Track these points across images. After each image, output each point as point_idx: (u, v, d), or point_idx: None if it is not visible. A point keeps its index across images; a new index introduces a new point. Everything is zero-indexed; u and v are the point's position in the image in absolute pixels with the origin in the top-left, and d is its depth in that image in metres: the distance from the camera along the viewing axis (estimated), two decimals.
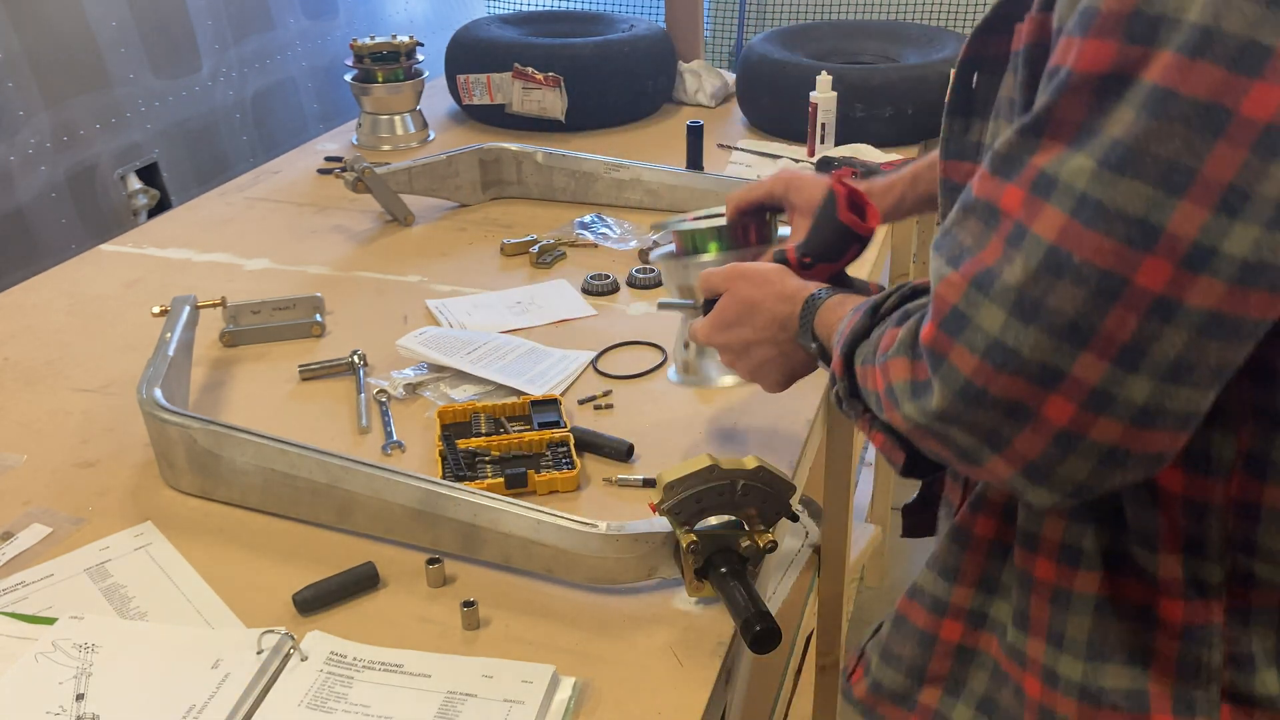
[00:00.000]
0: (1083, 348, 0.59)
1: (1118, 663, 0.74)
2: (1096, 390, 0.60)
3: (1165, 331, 0.58)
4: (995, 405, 0.62)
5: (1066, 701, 0.76)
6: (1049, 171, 0.60)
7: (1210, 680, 0.73)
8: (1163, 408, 0.60)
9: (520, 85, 2.17)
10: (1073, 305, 0.59)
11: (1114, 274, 0.58)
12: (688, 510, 0.91)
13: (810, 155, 2.00)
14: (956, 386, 0.63)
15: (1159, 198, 0.57)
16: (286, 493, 1.05)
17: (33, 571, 1.01)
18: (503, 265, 1.64)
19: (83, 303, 1.54)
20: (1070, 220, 0.59)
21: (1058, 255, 0.59)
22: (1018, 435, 0.62)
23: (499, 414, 1.21)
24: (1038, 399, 0.61)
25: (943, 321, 0.64)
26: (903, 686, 0.86)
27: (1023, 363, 0.60)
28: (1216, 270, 0.57)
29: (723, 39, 3.77)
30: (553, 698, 0.85)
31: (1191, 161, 0.56)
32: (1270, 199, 0.56)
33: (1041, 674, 0.77)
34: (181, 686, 0.86)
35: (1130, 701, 0.74)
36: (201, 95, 2.59)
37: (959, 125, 0.81)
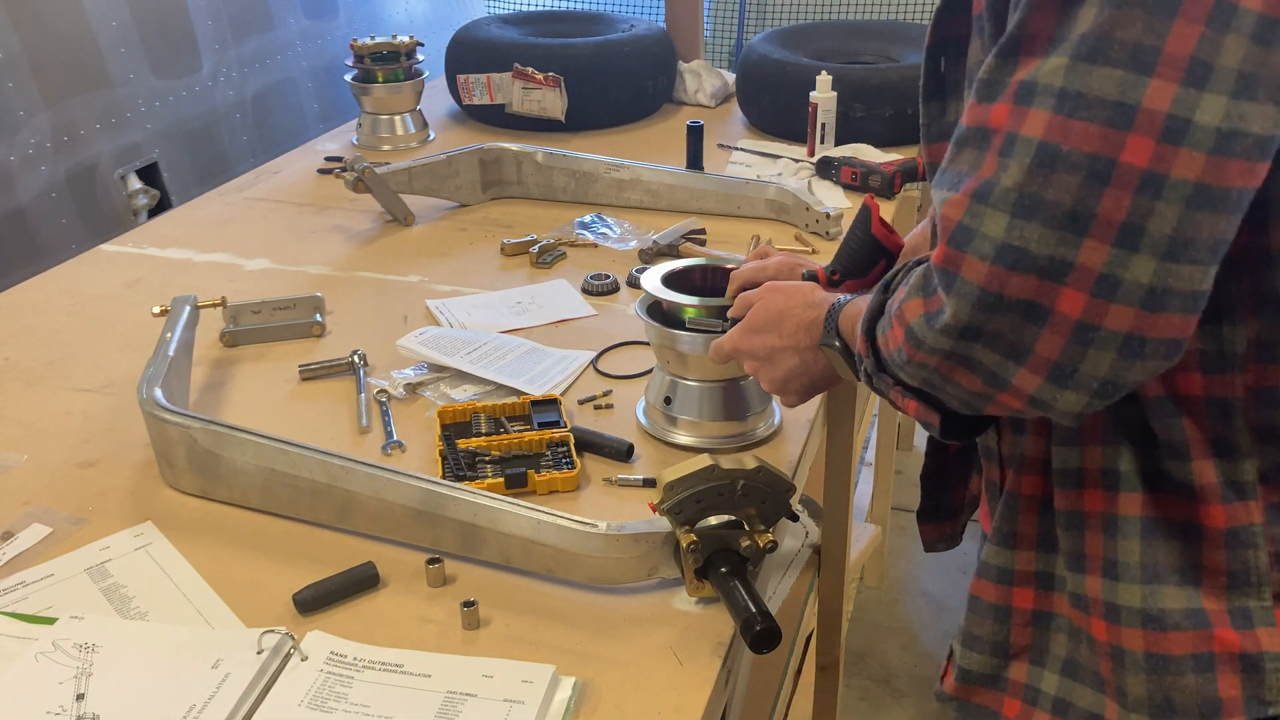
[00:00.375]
0: (1084, 234, 0.62)
1: (1173, 584, 0.76)
2: (1103, 276, 0.63)
3: (1158, 207, 0.61)
4: (1012, 308, 0.65)
5: (1132, 634, 0.77)
6: (1028, 80, 0.64)
7: (1261, 584, 0.75)
8: (1168, 287, 0.63)
9: (520, 85, 2.17)
10: (1069, 194, 0.62)
11: (1101, 156, 0.62)
12: (688, 510, 0.91)
13: (810, 155, 2.00)
14: (973, 297, 0.66)
15: (1130, 79, 0.61)
16: (286, 493, 1.05)
17: (33, 571, 1.01)
18: (503, 265, 1.64)
19: (83, 303, 1.54)
20: (1054, 115, 0.63)
21: (1048, 149, 0.63)
22: (1038, 338, 0.65)
23: (499, 414, 1.21)
24: (1050, 294, 0.64)
25: (950, 238, 0.67)
26: (990, 667, 0.87)
27: (1031, 259, 0.63)
28: (1195, 141, 0.61)
29: (723, 39, 3.77)
30: (553, 698, 0.85)
31: (1154, 41, 0.60)
32: (1231, 69, 0.60)
33: (1105, 612, 0.78)
34: (181, 686, 0.86)
35: (1192, 620, 0.75)
36: (202, 95, 2.59)
37: (936, 109, 0.85)
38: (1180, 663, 0.76)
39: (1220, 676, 0.76)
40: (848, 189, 1.86)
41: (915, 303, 0.71)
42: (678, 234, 1.66)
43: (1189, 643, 0.76)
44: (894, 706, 2.29)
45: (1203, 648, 0.76)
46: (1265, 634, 0.75)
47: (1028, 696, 0.85)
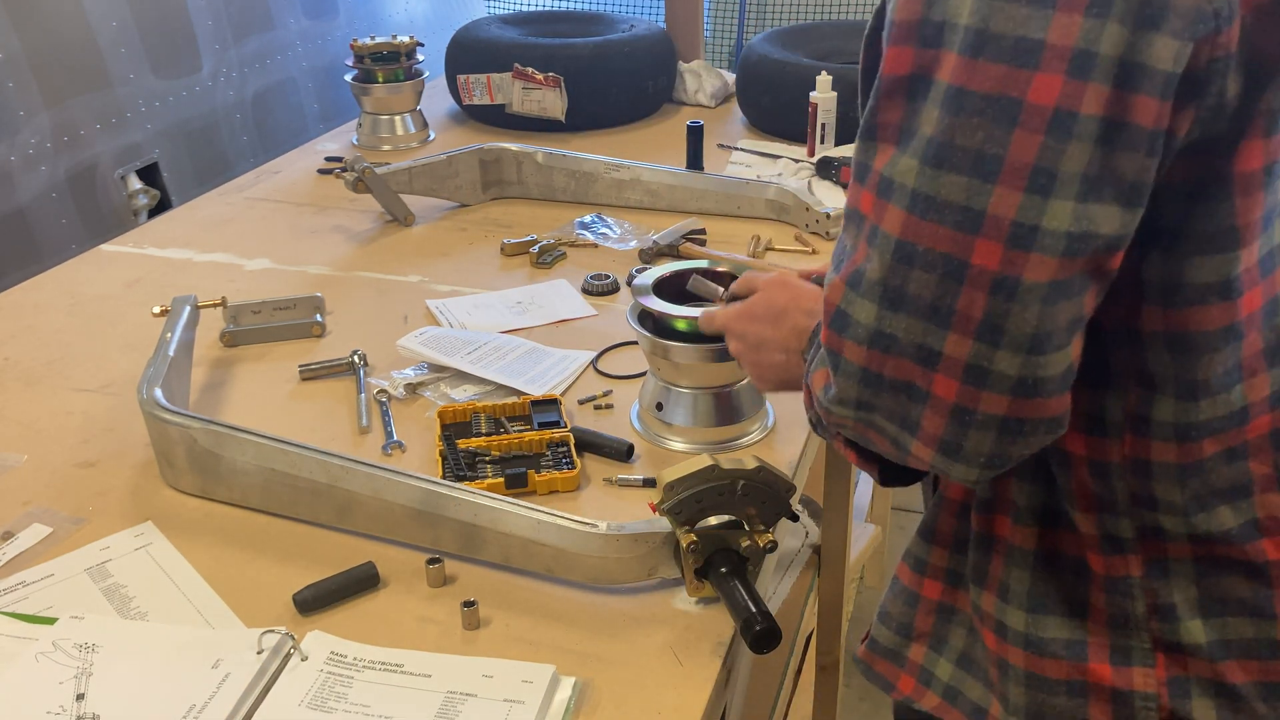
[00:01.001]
0: (947, 328, 0.65)
1: (1058, 615, 0.79)
2: (970, 366, 0.65)
3: (1013, 309, 0.63)
4: (893, 387, 0.68)
5: (1015, 651, 0.81)
6: (886, 174, 0.67)
7: (1138, 629, 0.78)
8: (1037, 376, 0.65)
9: (520, 85, 2.17)
10: (929, 290, 0.65)
11: (953, 257, 0.64)
12: (688, 510, 0.91)
13: (810, 155, 2.00)
14: (856, 376, 0.69)
15: (975, 185, 0.63)
16: (287, 493, 1.05)
17: (33, 571, 1.01)
18: (503, 265, 1.64)
19: (83, 303, 1.55)
20: (908, 215, 0.65)
21: (905, 247, 0.65)
22: (922, 415, 0.68)
23: (499, 414, 1.21)
24: (925, 378, 0.67)
25: (831, 322, 0.70)
26: (895, 643, 0.91)
27: (902, 346, 0.67)
28: (1045, 247, 0.62)
29: (723, 39, 3.77)
30: (553, 698, 0.85)
31: (996, 150, 0.62)
32: (1075, 173, 0.61)
33: (995, 626, 0.82)
34: (182, 686, 0.86)
35: (1070, 651, 0.79)
36: (202, 95, 2.59)
37: None
38: (1055, 685, 0.80)
39: (1092, 704, 0.79)
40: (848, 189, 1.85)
41: (820, 374, 0.75)
42: (678, 234, 1.66)
43: (1064, 670, 0.79)
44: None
45: (1076, 676, 0.79)
46: (1140, 673, 0.78)
47: (921, 677, 0.89)
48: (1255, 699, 0.77)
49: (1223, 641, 0.77)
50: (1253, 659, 0.77)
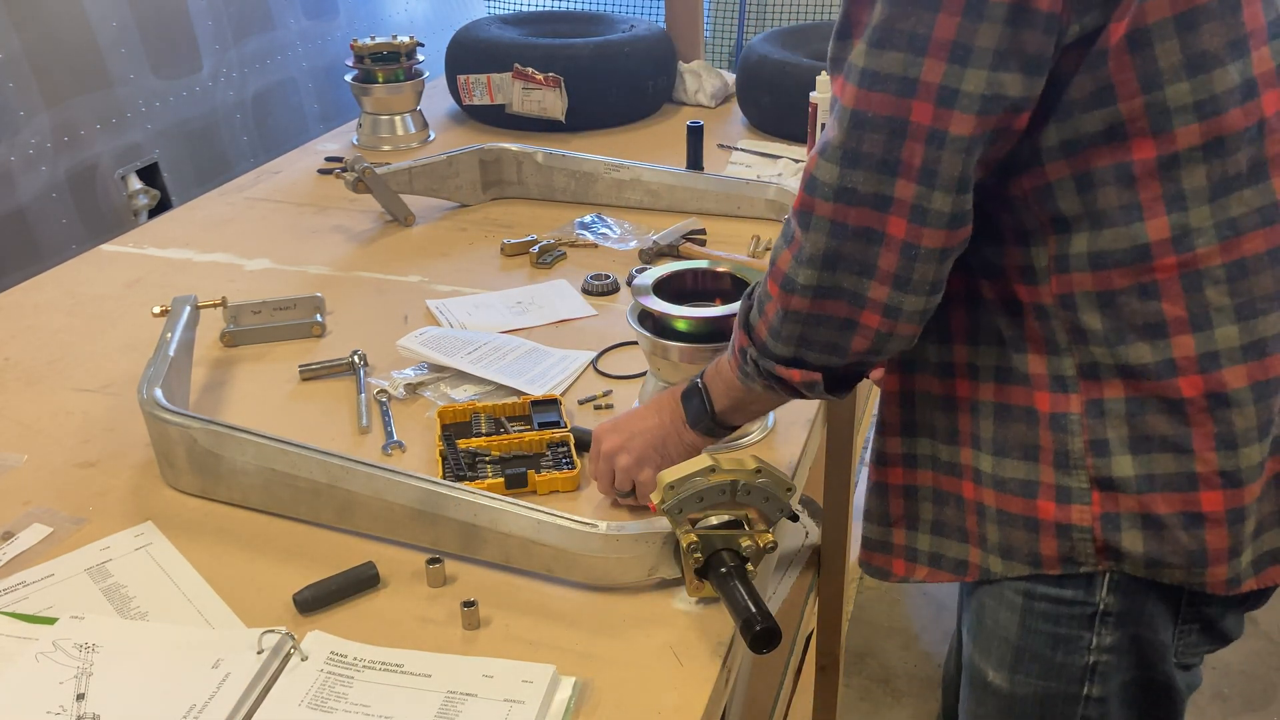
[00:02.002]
0: (895, 175, 0.80)
1: (1015, 457, 0.93)
2: (915, 207, 0.81)
3: (944, 155, 0.79)
4: (855, 235, 0.83)
5: (988, 493, 0.95)
6: (840, 58, 0.83)
7: (1077, 467, 0.90)
8: (958, 210, 0.81)
9: (520, 85, 2.17)
10: (880, 147, 0.80)
11: (896, 118, 0.79)
12: (688, 510, 0.91)
13: None
14: (825, 228, 0.84)
15: (910, 59, 0.78)
16: (287, 493, 1.05)
17: (33, 571, 1.01)
18: (503, 265, 1.64)
19: (83, 303, 1.55)
20: (859, 89, 0.80)
21: (859, 115, 0.80)
22: (879, 256, 0.83)
23: (499, 414, 1.21)
24: (881, 221, 0.82)
25: (804, 187, 0.84)
26: (880, 534, 1.03)
27: (861, 196, 0.81)
28: (964, 106, 0.78)
29: (723, 39, 3.77)
30: (553, 698, 0.85)
31: (924, 30, 0.77)
32: (987, 49, 0.77)
33: (972, 475, 0.96)
34: (182, 686, 0.86)
35: (1025, 490, 0.93)
36: (202, 95, 2.60)
37: None
38: (1016, 519, 0.93)
39: (1042, 537, 0.92)
40: None
41: (784, 254, 0.88)
42: (678, 234, 1.66)
43: (1021, 506, 0.93)
44: (894, 706, 2.30)
45: (1030, 512, 0.92)
46: (1077, 510, 0.90)
47: (908, 556, 1.02)
48: (1177, 528, 0.88)
49: (1149, 476, 0.88)
50: (1175, 491, 0.88)
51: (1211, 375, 0.85)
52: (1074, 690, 0.97)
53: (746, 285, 1.17)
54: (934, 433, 0.98)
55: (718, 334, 1.12)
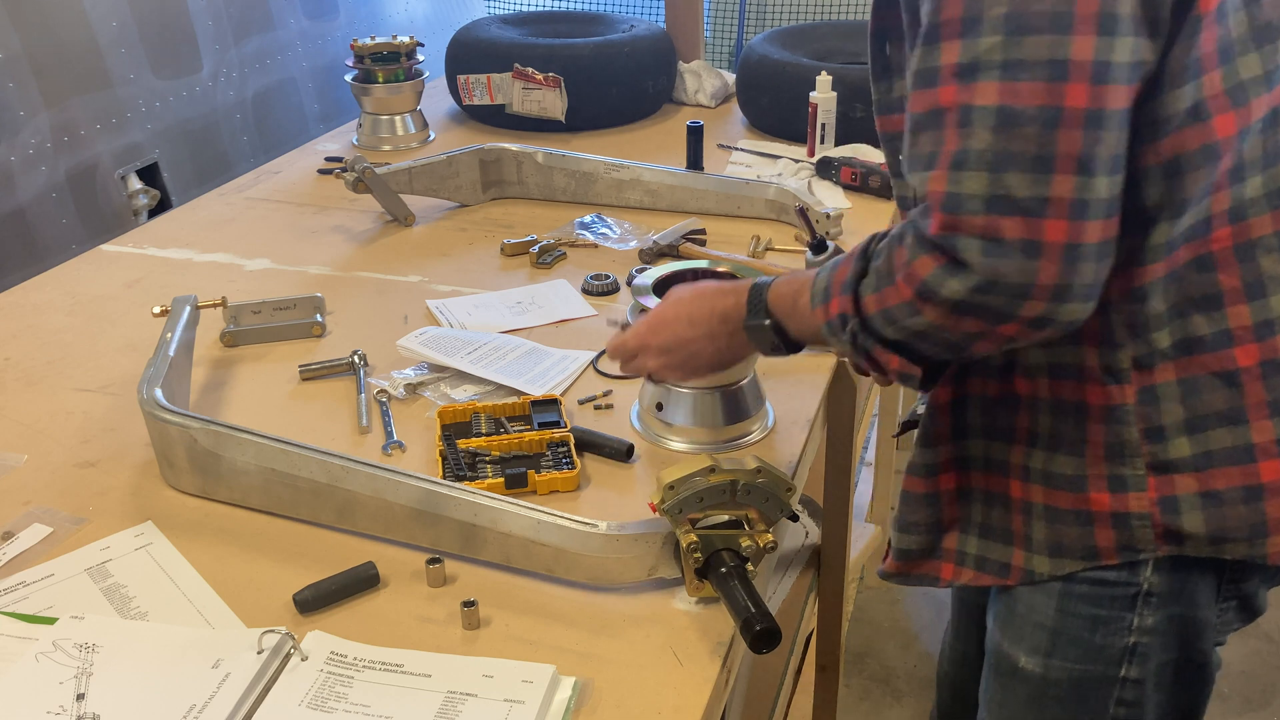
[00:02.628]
0: (1052, 171, 0.75)
1: (1064, 452, 0.93)
2: (1075, 203, 0.76)
3: (1103, 136, 0.76)
4: (1014, 249, 0.76)
5: (1035, 489, 0.95)
6: (964, 60, 0.77)
7: (1134, 455, 0.90)
8: (1116, 195, 0.78)
9: (520, 85, 2.17)
10: (1033, 143, 0.75)
11: (1049, 106, 0.75)
12: (688, 510, 0.91)
13: (810, 155, 2.00)
14: (978, 250, 0.77)
15: (1057, 39, 0.74)
16: (287, 493, 1.05)
17: (33, 571, 1.01)
18: (503, 265, 1.64)
19: (83, 303, 1.55)
20: (1002, 83, 0.76)
21: (1006, 111, 0.76)
22: (1038, 271, 0.77)
23: (499, 414, 1.21)
24: (1038, 229, 0.76)
25: (943, 207, 0.78)
26: (927, 543, 1.03)
27: (1016, 203, 0.76)
28: (1118, 78, 0.75)
29: (723, 39, 3.77)
30: (553, 697, 0.85)
31: (1066, 6, 0.74)
32: (1128, 15, 0.75)
33: (1021, 473, 0.96)
34: (182, 686, 0.86)
35: (1072, 483, 0.93)
36: (202, 95, 2.60)
37: (884, 87, 0.99)
38: (1064, 515, 0.93)
39: (1097, 529, 0.92)
40: (848, 189, 1.86)
41: (924, 260, 0.81)
42: (678, 234, 1.66)
43: (1070, 501, 0.93)
44: (894, 706, 2.30)
45: (1082, 505, 0.92)
46: (1134, 498, 0.90)
47: (957, 560, 1.02)
48: (1237, 502, 0.88)
49: (1205, 453, 0.88)
50: (1233, 465, 0.88)
51: (1266, 343, 0.86)
52: (1111, 672, 0.98)
53: None
54: (987, 432, 0.97)
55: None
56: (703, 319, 1.04)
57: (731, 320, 1.02)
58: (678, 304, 1.06)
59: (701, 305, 1.04)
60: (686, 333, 1.04)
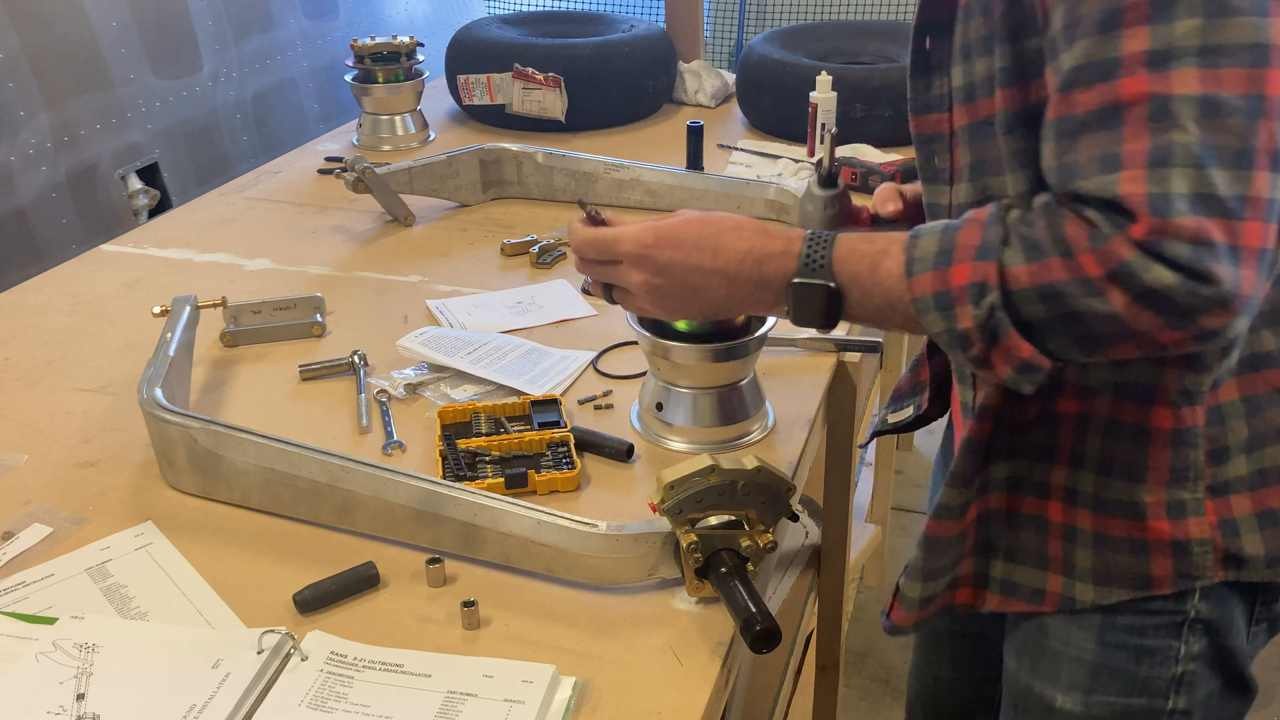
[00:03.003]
0: (1252, 167, 0.69)
1: (1120, 478, 0.87)
2: (1270, 201, 0.70)
3: None
4: (1222, 254, 0.69)
5: (1084, 514, 0.89)
6: (1156, 47, 0.70)
7: (1196, 479, 0.86)
8: None
9: (520, 85, 2.17)
10: (1236, 136, 0.69)
11: (1251, 95, 0.69)
12: (688, 510, 0.91)
13: (810, 155, 2.00)
14: (1188, 254, 0.69)
15: (1257, 22, 0.68)
16: (287, 493, 1.05)
17: (33, 571, 1.01)
18: (503, 265, 1.64)
19: (83, 303, 1.55)
20: (1202, 70, 0.69)
21: (1210, 101, 0.69)
22: (1242, 277, 0.70)
23: (499, 414, 1.21)
24: (1239, 232, 0.69)
25: (1151, 209, 0.70)
26: (943, 584, 0.96)
27: (1220, 203, 0.69)
28: None
29: (723, 39, 3.76)
30: (553, 697, 0.85)
31: None
32: None
33: (1064, 496, 0.90)
34: (182, 686, 0.86)
35: (1128, 510, 0.87)
36: (202, 95, 2.59)
37: (921, 84, 0.93)
38: (1118, 543, 0.88)
39: (1153, 559, 0.87)
40: (848, 189, 1.85)
41: (1121, 244, 0.71)
42: None
43: (1125, 529, 0.88)
44: (894, 706, 2.30)
45: (1138, 534, 0.87)
46: (1195, 523, 0.86)
47: (977, 584, 0.96)
48: None
49: (1260, 471, 0.85)
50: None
51: None
52: (1158, 705, 0.92)
53: None
54: (1017, 452, 0.91)
55: (717, 334, 1.11)
56: (733, 255, 0.89)
57: (772, 270, 0.88)
58: (704, 225, 0.90)
59: (736, 239, 0.89)
60: (703, 261, 0.89)
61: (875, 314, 0.85)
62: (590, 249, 0.97)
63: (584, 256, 0.99)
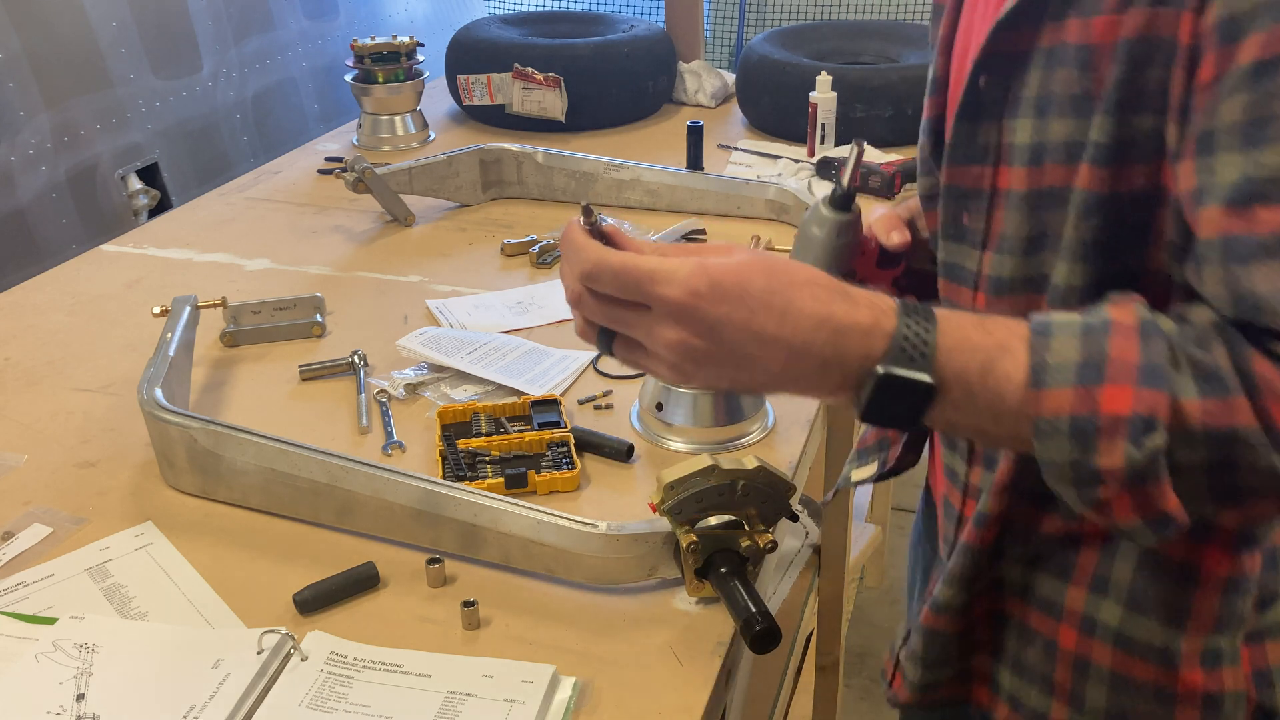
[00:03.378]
0: None
1: (1155, 618, 0.76)
2: None
3: None
4: None
5: (1103, 649, 0.78)
6: None
7: (1238, 627, 0.76)
8: None
9: (520, 85, 2.17)
10: None
11: None
12: (688, 510, 0.91)
13: (810, 155, 2.00)
14: None
15: None
16: (287, 493, 1.05)
17: (33, 571, 1.01)
18: (503, 265, 1.64)
19: (83, 303, 1.55)
20: None
21: None
22: None
23: (499, 414, 1.21)
24: None
25: None
26: (952, 672, 0.89)
27: None
28: None
29: (723, 39, 3.76)
30: (553, 698, 0.85)
31: None
32: None
33: (1079, 622, 0.79)
34: (182, 686, 0.86)
35: (1160, 656, 0.76)
36: (202, 95, 2.59)
37: (965, 130, 0.77)
38: (1142, 687, 0.78)
39: (1179, 710, 0.78)
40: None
41: None
42: (678, 234, 1.66)
43: (1151, 674, 0.78)
44: None
45: (1166, 683, 0.77)
46: (1229, 673, 0.77)
47: (992, 686, 0.88)
48: None
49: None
50: None
51: None
52: None
53: None
54: (1031, 561, 0.81)
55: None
56: (806, 320, 0.65)
57: (851, 347, 0.65)
58: (770, 274, 0.66)
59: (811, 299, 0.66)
60: (767, 325, 0.65)
61: (967, 423, 0.67)
62: (610, 281, 0.69)
63: (596, 289, 0.70)
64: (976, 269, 0.79)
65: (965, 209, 0.79)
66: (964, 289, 0.82)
